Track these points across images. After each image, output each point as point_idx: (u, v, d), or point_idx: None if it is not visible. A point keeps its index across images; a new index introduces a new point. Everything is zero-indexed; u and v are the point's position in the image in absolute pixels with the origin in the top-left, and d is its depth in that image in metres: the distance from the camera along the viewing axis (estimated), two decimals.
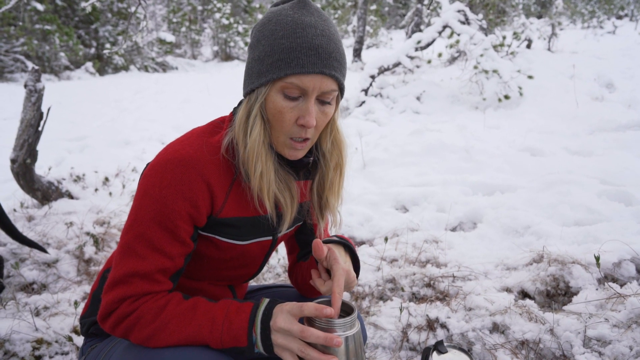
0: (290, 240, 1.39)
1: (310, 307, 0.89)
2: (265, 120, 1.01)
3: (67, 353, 1.76)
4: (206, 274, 1.18)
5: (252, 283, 2.54)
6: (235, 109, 1.11)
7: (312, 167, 1.16)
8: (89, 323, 1.17)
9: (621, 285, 1.90)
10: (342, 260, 1.06)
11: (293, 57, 0.93)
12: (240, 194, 1.07)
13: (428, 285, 2.22)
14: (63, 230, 2.69)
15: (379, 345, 1.95)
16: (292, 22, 0.95)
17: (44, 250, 2.38)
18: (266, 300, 0.96)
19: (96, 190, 3.48)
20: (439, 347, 1.06)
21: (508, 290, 2.14)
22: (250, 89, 1.00)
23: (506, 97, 5.81)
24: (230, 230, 1.07)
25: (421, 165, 3.87)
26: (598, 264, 1.82)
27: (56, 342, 1.78)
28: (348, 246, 1.16)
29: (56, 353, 1.75)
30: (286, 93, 0.97)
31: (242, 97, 1.08)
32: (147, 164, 1.03)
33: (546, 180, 3.18)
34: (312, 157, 1.14)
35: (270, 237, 1.16)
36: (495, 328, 1.83)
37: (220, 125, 1.10)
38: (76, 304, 1.94)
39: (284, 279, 2.46)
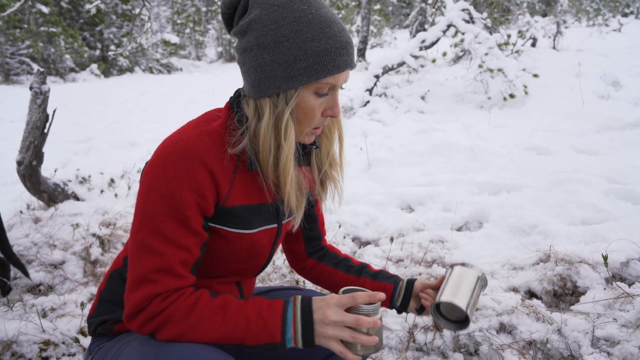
0: (296, 231, 1.38)
1: (363, 296, 0.96)
2: (294, 120, 1.01)
3: (74, 354, 1.77)
4: (215, 269, 1.18)
5: (258, 284, 2.54)
6: (232, 101, 1.10)
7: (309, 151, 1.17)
8: (96, 323, 1.17)
9: (629, 285, 1.88)
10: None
11: (329, 59, 0.95)
12: (244, 181, 1.07)
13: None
14: (69, 231, 2.70)
15: (386, 345, 1.94)
16: (315, 20, 0.95)
17: (27, 275, 2.25)
18: (299, 298, 0.99)
19: (102, 191, 3.50)
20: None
21: (515, 290, 2.13)
22: (274, 92, 0.98)
23: (511, 95, 5.78)
24: (238, 219, 1.07)
25: (426, 164, 3.86)
26: (606, 264, 1.81)
27: (63, 343, 1.78)
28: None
29: (63, 354, 1.76)
30: (319, 92, 0.99)
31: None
32: (147, 162, 1.03)
33: (552, 179, 3.15)
34: (316, 143, 1.15)
35: (276, 225, 1.16)
36: (502, 328, 1.82)
37: (216, 114, 1.10)
38: (82, 305, 1.95)
39: (289, 280, 2.45)
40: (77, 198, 3.25)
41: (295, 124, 1.02)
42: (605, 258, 1.81)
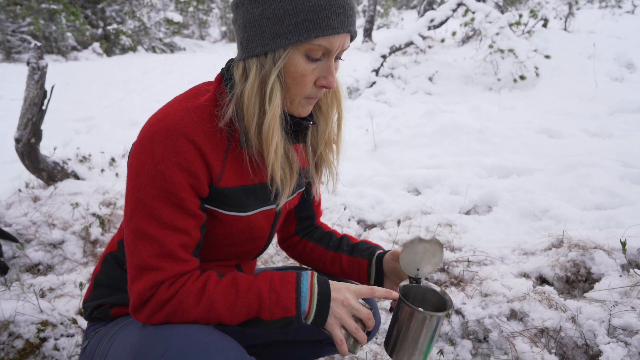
0: (290, 210, 1.34)
1: (381, 291, 0.97)
2: (282, 85, 0.93)
3: (72, 335, 1.72)
4: (213, 252, 1.12)
5: (260, 266, 2.49)
6: (224, 69, 1.02)
7: (306, 128, 1.10)
8: (91, 307, 1.13)
9: None
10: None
11: (323, 17, 0.86)
12: (237, 161, 1.00)
13: (442, 270, 2.15)
14: (69, 211, 2.65)
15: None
16: None
17: (16, 241, 2.27)
18: (315, 274, 0.97)
19: (102, 171, 3.43)
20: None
21: (525, 275, 2.07)
22: (262, 51, 0.90)
23: (522, 77, 5.63)
24: (233, 201, 1.01)
25: (434, 147, 3.77)
26: (624, 250, 1.73)
27: (61, 324, 1.74)
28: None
29: (61, 335, 1.71)
30: (310, 55, 0.90)
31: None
32: (133, 143, 0.97)
33: (565, 163, 3.06)
34: (313, 119, 1.08)
35: (274, 206, 1.10)
36: (513, 315, 1.76)
37: (205, 88, 1.01)
38: (81, 285, 1.90)
39: (293, 262, 2.40)
40: (77, 177, 3.18)
41: (284, 90, 0.94)
42: (623, 244, 1.74)
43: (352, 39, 0.95)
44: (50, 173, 3.01)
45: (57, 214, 2.60)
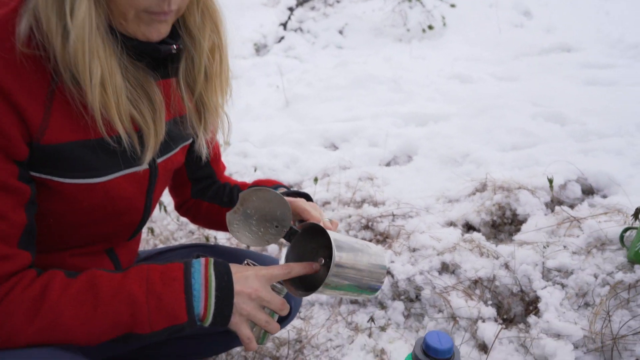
0: (179, 171, 1.07)
1: (299, 268, 0.82)
2: None
3: None
4: (64, 238, 0.82)
5: (159, 246, 2.13)
6: None
7: (176, 58, 0.81)
8: None
9: (571, 207, 1.75)
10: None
11: None
12: (70, 106, 0.68)
13: (366, 227, 1.95)
14: None
15: (315, 301, 1.66)
16: None
17: None
18: (211, 261, 0.77)
19: None
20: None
21: (452, 224, 1.94)
22: None
23: (430, 27, 5.58)
24: (73, 163, 0.70)
25: (348, 99, 3.55)
26: (551, 187, 1.64)
27: None
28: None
29: None
30: None
31: None
32: None
33: (478, 106, 3.00)
34: (179, 43, 0.78)
35: (145, 167, 0.81)
36: (445, 268, 1.61)
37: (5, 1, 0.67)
38: None
39: (198, 237, 2.06)
40: None
41: (106, 0, 0.64)
42: (550, 181, 1.64)
43: None
44: None
45: None
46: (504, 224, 1.90)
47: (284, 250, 1.76)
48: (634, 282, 1.25)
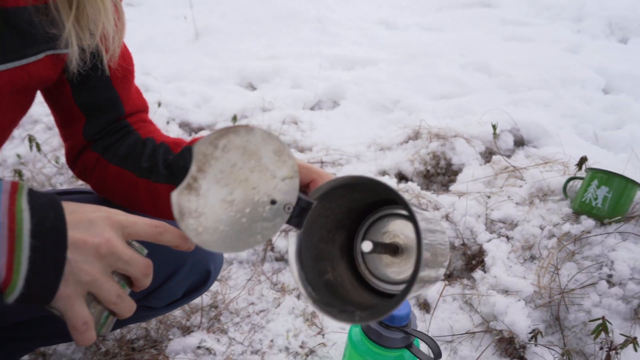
0: (60, 92, 0.72)
1: (173, 234, 0.51)
2: None
3: None
4: None
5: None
6: None
7: None
8: None
9: (507, 157, 1.67)
10: None
11: None
12: None
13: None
14: None
15: (234, 260, 1.42)
16: None
17: None
18: (22, 185, 0.44)
19: None
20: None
21: (385, 173, 1.78)
22: None
23: None
24: None
25: (269, 36, 3.19)
26: (495, 134, 1.53)
27: None
28: None
29: None
30: None
31: None
32: None
33: (408, 54, 2.85)
34: None
35: None
36: None
37: None
38: None
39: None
40: None
41: None
42: (494, 127, 1.53)
43: None
44: None
45: None
46: (437, 174, 1.79)
47: (281, 243, 1.35)
48: (580, 234, 1.19)
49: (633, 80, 2.26)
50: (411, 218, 0.45)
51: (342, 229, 0.58)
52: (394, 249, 0.55)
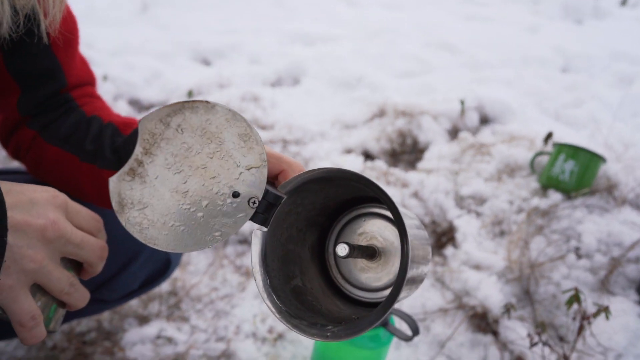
0: None
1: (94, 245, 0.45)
2: None
3: None
4: None
5: None
6: None
7: None
8: None
9: (473, 134, 1.67)
10: None
11: None
12: None
13: None
14: None
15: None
16: None
17: None
18: None
19: None
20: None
21: (350, 151, 1.73)
22: None
23: None
24: None
25: (223, 9, 3.03)
26: (463, 110, 1.51)
27: None
28: None
29: None
30: None
31: None
32: None
33: (370, 31, 2.79)
34: None
35: None
36: None
37: None
38: None
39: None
40: None
41: None
42: (462, 102, 1.50)
43: None
44: None
45: None
46: (404, 152, 1.76)
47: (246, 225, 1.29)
48: (548, 208, 1.19)
49: (589, 60, 2.32)
50: (397, 222, 0.38)
51: (314, 227, 0.51)
52: (372, 253, 0.48)
